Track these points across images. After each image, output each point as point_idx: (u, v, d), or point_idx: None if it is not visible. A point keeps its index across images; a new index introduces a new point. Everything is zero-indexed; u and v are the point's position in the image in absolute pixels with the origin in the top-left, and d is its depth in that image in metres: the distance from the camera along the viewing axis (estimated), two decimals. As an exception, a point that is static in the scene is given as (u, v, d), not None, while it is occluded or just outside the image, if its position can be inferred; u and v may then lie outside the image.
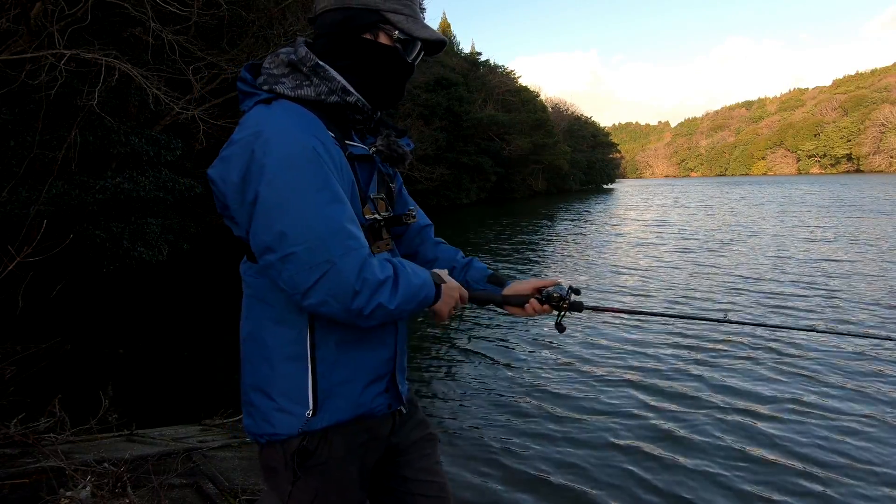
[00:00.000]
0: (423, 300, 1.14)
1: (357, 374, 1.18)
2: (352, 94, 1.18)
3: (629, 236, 17.28)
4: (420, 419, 1.39)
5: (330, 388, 1.15)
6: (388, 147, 1.27)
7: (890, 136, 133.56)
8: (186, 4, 7.09)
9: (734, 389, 4.76)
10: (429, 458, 1.36)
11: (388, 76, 1.23)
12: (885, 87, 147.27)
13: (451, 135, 32.70)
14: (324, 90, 1.16)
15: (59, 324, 6.84)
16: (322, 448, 1.16)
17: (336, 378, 1.16)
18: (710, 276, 9.90)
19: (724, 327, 6.65)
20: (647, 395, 4.71)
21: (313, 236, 1.01)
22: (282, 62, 1.18)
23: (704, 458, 3.66)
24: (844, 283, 8.93)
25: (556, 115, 62.15)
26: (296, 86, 1.15)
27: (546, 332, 6.65)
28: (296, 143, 1.05)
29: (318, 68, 1.16)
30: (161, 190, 10.76)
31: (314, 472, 1.16)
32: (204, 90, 9.00)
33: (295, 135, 1.06)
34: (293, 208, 1.02)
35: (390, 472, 1.33)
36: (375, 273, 1.04)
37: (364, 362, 1.19)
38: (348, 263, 1.01)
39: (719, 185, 75.25)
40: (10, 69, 6.26)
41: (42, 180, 8.07)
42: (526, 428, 4.17)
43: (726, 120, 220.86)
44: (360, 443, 1.21)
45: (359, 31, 1.19)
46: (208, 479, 2.62)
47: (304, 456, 1.15)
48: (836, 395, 4.58)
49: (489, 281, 1.43)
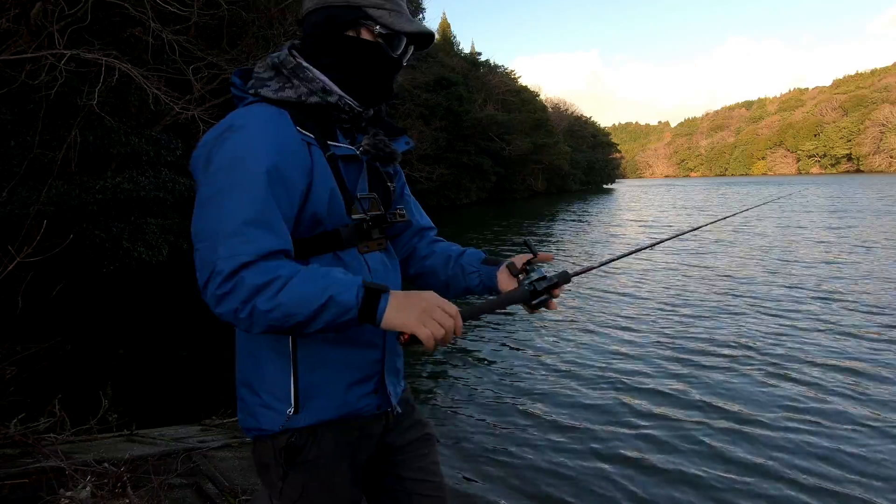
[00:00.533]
0: (329, 306, 1.00)
1: (340, 375, 1.18)
2: (333, 93, 1.18)
3: (626, 238, 17.28)
4: (417, 419, 1.38)
5: (311, 387, 1.15)
6: (374, 146, 1.25)
7: (890, 136, 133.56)
8: (186, 4, 7.09)
9: (725, 394, 4.69)
10: (425, 458, 1.35)
11: (372, 72, 1.22)
12: (885, 87, 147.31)
13: (451, 135, 32.70)
14: (304, 91, 1.17)
15: (59, 324, 6.84)
16: (310, 445, 1.17)
17: (318, 378, 1.16)
18: (704, 278, 9.90)
19: (725, 329, 6.66)
20: (637, 399, 4.65)
21: (212, 236, 1.02)
22: (268, 66, 1.20)
23: (693, 466, 3.65)
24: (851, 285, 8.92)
25: (556, 115, 62.19)
26: (278, 88, 1.17)
27: (539, 333, 6.65)
28: (245, 146, 1.07)
29: (297, 70, 1.18)
30: (161, 190, 10.77)
31: (303, 468, 1.17)
32: (204, 90, 9.00)
33: (250, 137, 1.08)
34: (213, 207, 1.04)
35: (386, 471, 1.32)
36: (255, 277, 0.99)
37: (348, 362, 1.18)
38: (227, 265, 0.99)
39: (724, 185, 75.12)
40: (10, 69, 6.26)
41: (42, 180, 8.08)
42: (515, 431, 4.14)
43: (726, 120, 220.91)
44: (349, 441, 1.21)
45: (341, 29, 1.19)
46: (208, 479, 2.62)
47: (293, 452, 1.16)
48: (832, 401, 4.56)
49: (484, 262, 1.37)
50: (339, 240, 1.18)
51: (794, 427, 4.05)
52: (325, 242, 1.17)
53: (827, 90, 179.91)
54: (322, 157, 1.15)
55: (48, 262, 3.05)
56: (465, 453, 3.82)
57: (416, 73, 27.95)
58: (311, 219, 1.14)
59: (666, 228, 19.03)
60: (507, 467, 3.62)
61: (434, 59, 34.24)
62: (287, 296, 0.99)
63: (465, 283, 1.37)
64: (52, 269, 5.82)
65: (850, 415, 4.23)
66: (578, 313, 7.50)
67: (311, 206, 1.13)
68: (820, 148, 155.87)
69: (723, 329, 6.55)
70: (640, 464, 3.63)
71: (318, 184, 1.13)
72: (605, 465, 3.63)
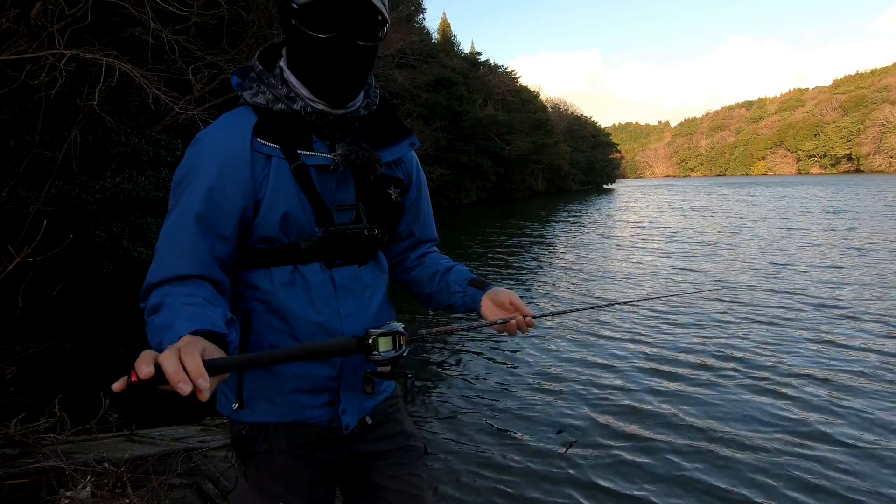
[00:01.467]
0: (159, 343, 0.90)
1: (287, 384, 1.17)
2: (297, 99, 1.13)
3: (624, 239, 17.28)
4: (400, 430, 1.34)
5: (253, 391, 1.18)
6: (346, 155, 1.13)
7: (890, 136, 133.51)
8: (186, 4, 7.09)
9: (716, 408, 4.52)
10: (402, 468, 1.30)
11: (314, 62, 1.10)
12: (885, 87, 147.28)
13: (451, 135, 32.70)
14: (270, 98, 1.14)
15: (59, 324, 6.84)
16: (262, 439, 1.19)
17: (260, 383, 1.17)
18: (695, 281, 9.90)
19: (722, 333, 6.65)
20: (624, 412, 4.55)
21: (157, 249, 1.09)
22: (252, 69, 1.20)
23: (699, 473, 3.64)
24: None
25: (556, 115, 62.19)
26: (252, 93, 1.16)
27: (526, 349, 6.64)
28: (195, 163, 1.11)
29: (262, 75, 1.16)
30: (161, 190, 10.75)
31: (257, 459, 1.20)
32: (204, 90, 8.99)
33: (201, 155, 1.11)
34: (166, 220, 1.12)
35: (360, 475, 1.30)
36: (150, 299, 1.02)
37: (296, 374, 1.16)
38: (146, 281, 1.06)
39: (725, 186, 74.84)
40: (10, 69, 6.26)
41: (42, 180, 8.07)
42: (498, 451, 4.03)
43: (726, 120, 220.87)
44: (304, 441, 1.20)
45: (286, 18, 1.09)
46: (208, 479, 2.62)
47: (244, 443, 1.19)
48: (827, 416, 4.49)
49: (471, 283, 1.32)
50: (300, 253, 1.14)
51: (783, 449, 3.87)
52: (283, 255, 1.14)
53: (827, 90, 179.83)
54: (287, 168, 1.11)
55: (48, 262, 3.04)
56: (450, 467, 3.70)
57: (416, 73, 27.92)
58: (260, 237, 1.13)
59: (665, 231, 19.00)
60: (496, 480, 3.53)
61: (434, 59, 34.23)
62: (150, 322, 0.99)
63: (449, 301, 1.35)
64: (52, 269, 5.82)
65: (850, 433, 4.03)
66: (564, 319, 7.48)
67: (257, 229, 1.12)
68: (820, 148, 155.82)
69: (716, 338, 6.41)
70: (632, 474, 3.62)
71: (267, 205, 1.10)
72: (596, 478, 3.62)
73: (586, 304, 1.32)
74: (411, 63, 28.79)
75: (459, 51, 45.44)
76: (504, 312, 1.23)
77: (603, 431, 4.10)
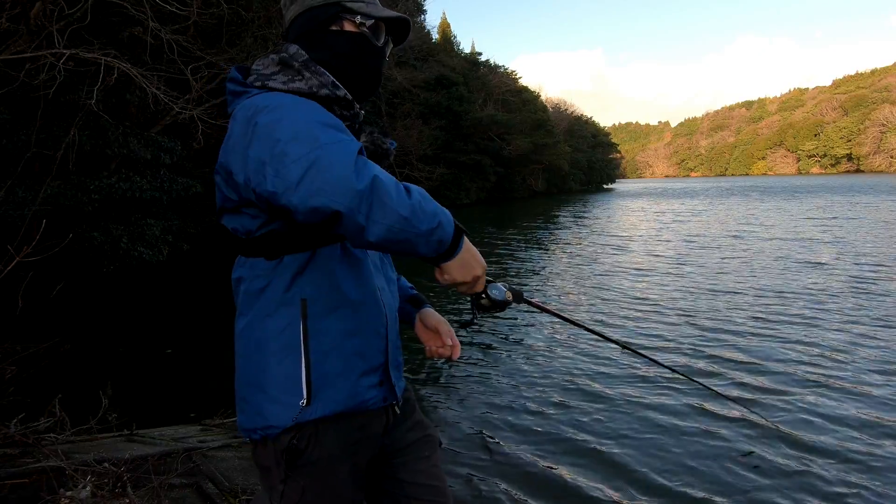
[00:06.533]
0: (438, 230, 0.99)
1: (350, 365, 1.17)
2: (341, 88, 1.19)
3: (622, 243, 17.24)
4: (418, 420, 1.37)
5: (323, 377, 1.14)
6: (372, 143, 1.30)
7: (890, 136, 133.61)
8: (186, 4, 7.09)
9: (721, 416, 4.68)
10: (427, 461, 1.33)
11: (362, 63, 1.26)
12: (885, 87, 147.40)
13: (450, 134, 32.74)
14: (315, 84, 1.16)
15: (59, 324, 6.84)
16: (312, 446, 1.15)
17: (329, 368, 1.15)
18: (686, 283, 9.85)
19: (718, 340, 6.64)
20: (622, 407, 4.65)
21: (302, 131, 0.96)
22: (272, 62, 1.19)
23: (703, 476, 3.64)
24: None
25: (556, 115, 62.21)
26: (288, 80, 1.16)
27: (535, 340, 6.65)
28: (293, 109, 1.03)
29: (309, 63, 1.18)
30: (158, 190, 10.77)
31: (304, 471, 1.16)
32: (203, 90, 9.00)
33: (297, 105, 1.04)
34: (288, 119, 0.99)
35: (386, 474, 1.31)
36: (372, 167, 0.96)
37: (357, 352, 1.18)
38: (341, 149, 0.94)
39: (725, 186, 74.64)
40: (9, 69, 6.26)
41: (40, 180, 8.08)
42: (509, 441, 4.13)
43: (726, 120, 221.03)
44: (352, 441, 1.19)
45: (325, 25, 1.23)
46: (208, 479, 2.62)
47: (294, 454, 1.14)
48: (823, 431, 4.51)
49: (409, 300, 1.44)
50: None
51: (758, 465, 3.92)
52: (327, 235, 1.14)
53: (827, 90, 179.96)
54: None
55: (48, 262, 3.04)
56: (456, 454, 3.81)
57: (416, 72, 27.94)
58: None
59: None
60: (499, 467, 3.61)
61: (434, 58, 34.25)
62: (416, 198, 0.98)
63: None
64: (51, 269, 5.82)
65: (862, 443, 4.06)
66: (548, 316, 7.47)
67: None
68: (820, 148, 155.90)
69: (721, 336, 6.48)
70: (635, 471, 3.62)
71: None
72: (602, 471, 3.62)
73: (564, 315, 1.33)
74: (411, 62, 28.82)
75: (460, 51, 45.48)
76: (430, 334, 1.40)
77: (599, 427, 4.13)
